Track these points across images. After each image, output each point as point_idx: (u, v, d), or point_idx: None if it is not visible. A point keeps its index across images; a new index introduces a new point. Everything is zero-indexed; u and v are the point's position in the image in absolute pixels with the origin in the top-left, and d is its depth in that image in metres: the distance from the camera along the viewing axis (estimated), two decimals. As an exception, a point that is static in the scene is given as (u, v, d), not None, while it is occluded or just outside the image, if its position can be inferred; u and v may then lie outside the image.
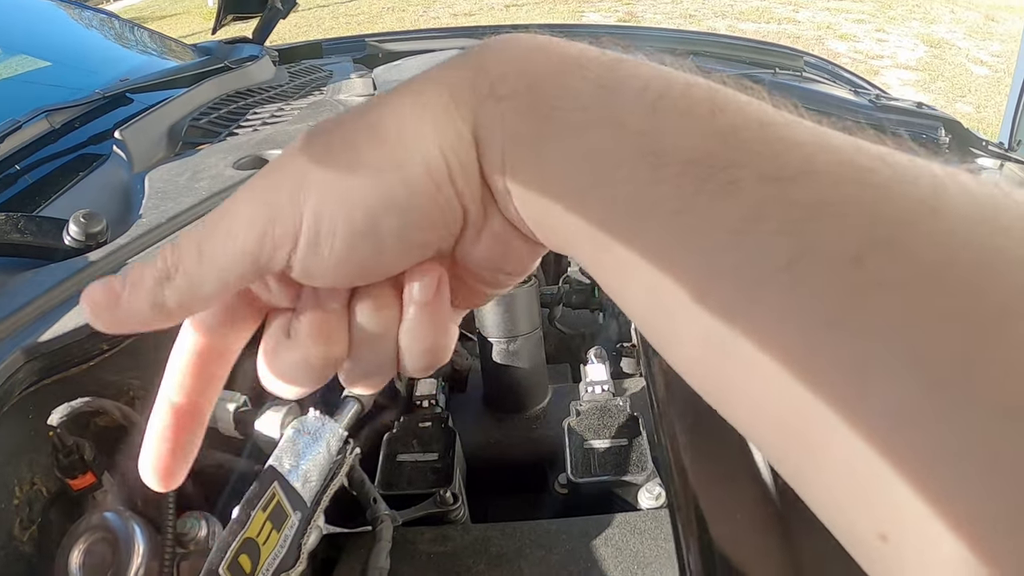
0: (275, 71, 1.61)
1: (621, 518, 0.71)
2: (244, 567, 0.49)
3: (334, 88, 1.42)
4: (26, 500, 0.65)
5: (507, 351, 0.85)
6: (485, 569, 0.66)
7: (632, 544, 0.69)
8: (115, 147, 1.10)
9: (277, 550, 0.51)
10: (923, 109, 1.97)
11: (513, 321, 0.84)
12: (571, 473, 0.74)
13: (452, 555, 0.67)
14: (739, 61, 2.10)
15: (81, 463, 0.64)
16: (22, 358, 0.68)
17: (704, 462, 0.58)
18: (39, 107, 1.23)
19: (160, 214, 0.86)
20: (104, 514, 0.63)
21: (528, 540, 0.69)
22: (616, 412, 0.81)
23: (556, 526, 0.70)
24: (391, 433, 0.78)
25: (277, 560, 0.51)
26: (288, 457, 0.58)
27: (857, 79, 2.22)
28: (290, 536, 0.53)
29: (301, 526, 0.54)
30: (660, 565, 0.67)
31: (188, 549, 0.65)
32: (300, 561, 0.53)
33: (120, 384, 0.77)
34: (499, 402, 0.90)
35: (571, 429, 0.79)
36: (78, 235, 0.85)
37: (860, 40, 6.23)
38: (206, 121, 1.21)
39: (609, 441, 0.78)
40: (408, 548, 0.67)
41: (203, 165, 0.99)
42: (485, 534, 0.69)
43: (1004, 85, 5.20)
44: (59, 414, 0.63)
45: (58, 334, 0.70)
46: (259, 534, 0.51)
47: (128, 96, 1.36)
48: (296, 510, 0.54)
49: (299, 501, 0.55)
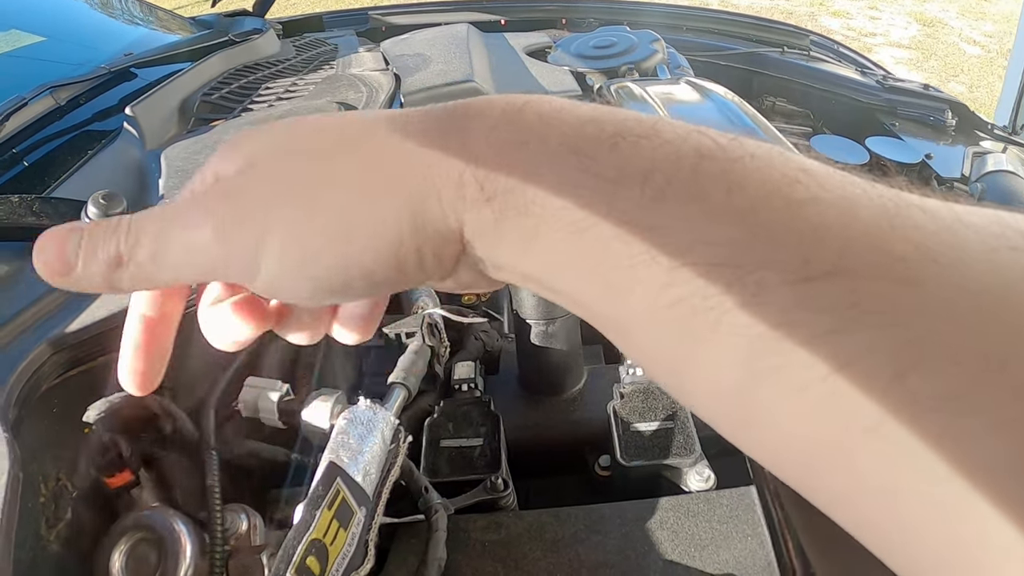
0: (280, 45, 1.57)
1: (673, 501, 0.69)
2: (313, 570, 0.46)
3: (344, 62, 1.39)
4: (52, 497, 0.62)
5: (545, 333, 0.82)
6: (542, 556, 0.64)
7: (687, 526, 0.67)
8: (126, 124, 1.06)
9: (346, 549, 0.49)
10: (930, 91, 1.96)
11: (551, 303, 0.81)
12: (621, 456, 0.73)
13: (507, 542, 0.65)
14: (746, 39, 2.07)
15: (119, 460, 0.61)
16: (48, 350, 0.65)
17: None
18: (42, 83, 1.18)
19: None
20: (145, 512, 0.60)
21: (583, 525, 0.67)
22: (659, 394, 0.80)
23: (609, 510, 0.68)
24: (432, 419, 0.76)
25: (346, 560, 0.49)
26: (344, 450, 0.55)
27: (862, 59, 2.20)
28: (357, 533, 0.50)
29: (367, 522, 0.52)
30: (716, 547, 0.66)
31: (231, 545, 0.63)
32: (368, 558, 0.51)
33: (149, 373, 0.74)
34: (536, 384, 0.87)
35: (616, 412, 0.77)
36: (97, 217, 0.81)
37: (853, 17, 6.19)
38: (217, 96, 1.17)
39: (655, 423, 0.76)
40: (461, 537, 0.65)
41: (222, 142, 0.95)
42: (539, 520, 0.67)
43: (997, 66, 5.20)
44: (96, 410, 0.60)
45: (84, 324, 0.67)
46: (326, 534, 0.48)
47: (132, 71, 1.31)
48: (361, 505, 0.51)
49: (363, 496, 0.52)
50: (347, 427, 0.58)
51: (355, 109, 1.02)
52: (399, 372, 0.71)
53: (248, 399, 0.66)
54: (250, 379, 0.68)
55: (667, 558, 0.65)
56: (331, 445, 0.56)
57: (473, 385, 0.81)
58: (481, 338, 0.90)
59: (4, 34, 1.66)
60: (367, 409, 0.60)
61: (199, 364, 0.77)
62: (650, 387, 0.80)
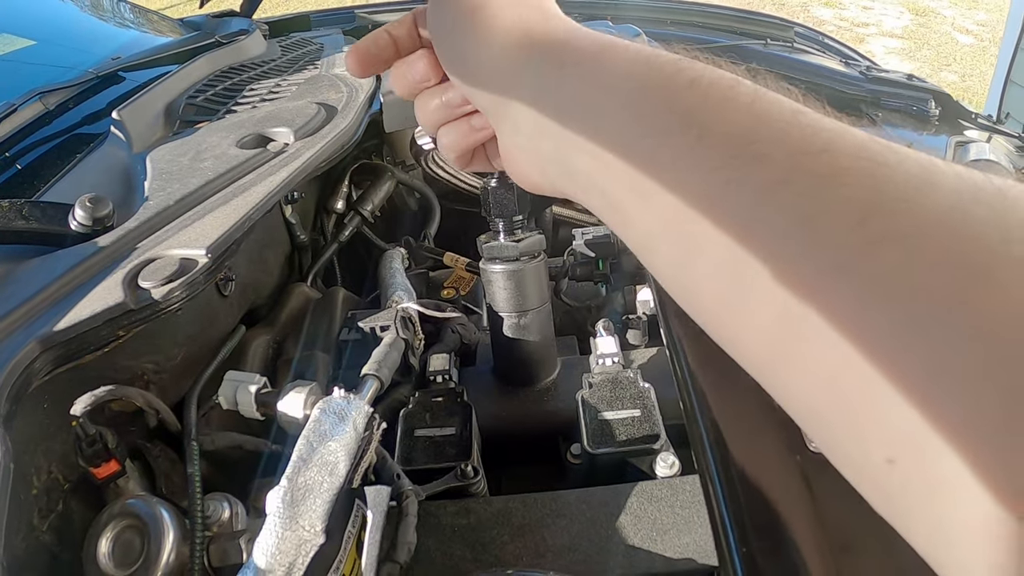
0: (267, 45, 1.59)
1: (638, 487, 0.72)
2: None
3: (328, 62, 1.41)
4: (44, 489, 0.65)
5: (518, 325, 0.85)
6: (509, 540, 0.67)
7: (650, 512, 0.70)
8: (113, 127, 1.09)
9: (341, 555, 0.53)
10: (913, 81, 1.98)
11: (523, 296, 0.84)
12: (588, 444, 0.75)
13: (476, 527, 0.68)
14: (730, 31, 2.09)
15: (105, 451, 0.64)
16: (38, 348, 0.68)
17: (731, 423, 0.59)
18: (32, 88, 1.21)
19: (167, 196, 0.85)
20: (130, 500, 0.63)
21: (549, 510, 0.70)
22: (627, 384, 0.82)
23: (575, 496, 0.71)
24: (407, 409, 0.79)
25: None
26: (317, 437, 0.58)
27: (848, 50, 2.22)
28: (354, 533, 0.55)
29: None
30: (678, 531, 0.68)
31: (212, 531, 0.66)
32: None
33: (134, 368, 0.76)
34: (510, 375, 0.90)
35: (585, 401, 0.80)
36: (85, 220, 0.84)
37: (846, 7, 6.20)
38: (203, 99, 1.20)
39: (623, 412, 0.79)
40: (432, 522, 0.68)
41: (205, 144, 0.98)
42: (506, 506, 0.70)
43: (989, 55, 5.21)
44: (82, 404, 0.63)
45: (73, 322, 0.69)
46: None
47: (120, 74, 1.34)
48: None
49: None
50: (321, 416, 0.61)
51: (335, 109, 1.05)
52: (372, 364, 0.74)
53: (227, 392, 0.69)
54: (230, 373, 0.71)
55: (629, 543, 0.68)
56: (304, 433, 0.59)
57: (447, 376, 0.84)
58: (458, 331, 0.93)
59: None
60: (341, 399, 0.63)
61: (184, 360, 0.80)
62: (619, 377, 0.83)
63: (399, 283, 0.92)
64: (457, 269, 1.09)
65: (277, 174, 0.85)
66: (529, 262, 0.83)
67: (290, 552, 0.52)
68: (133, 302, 0.70)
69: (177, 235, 0.79)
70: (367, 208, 1.13)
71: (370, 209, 1.13)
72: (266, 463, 0.78)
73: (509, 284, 0.83)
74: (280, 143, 0.97)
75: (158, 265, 0.74)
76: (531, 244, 0.82)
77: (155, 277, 0.72)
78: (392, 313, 0.82)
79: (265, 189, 0.82)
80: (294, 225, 1.05)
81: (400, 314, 0.81)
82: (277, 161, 0.89)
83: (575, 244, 1.08)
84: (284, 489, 0.54)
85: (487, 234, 0.83)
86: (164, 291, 0.71)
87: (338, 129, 0.96)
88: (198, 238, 0.76)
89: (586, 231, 1.11)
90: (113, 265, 0.77)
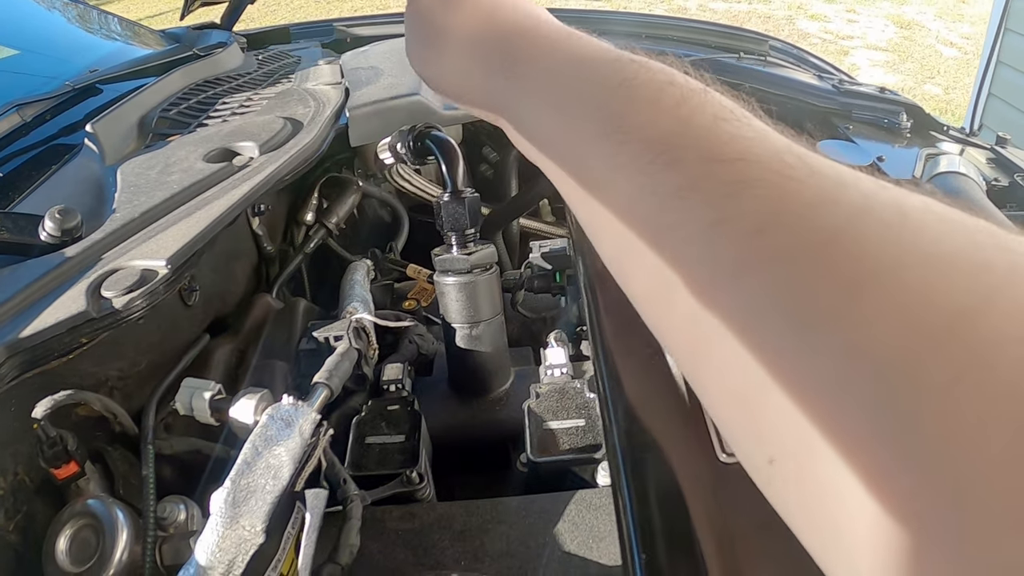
0: (243, 58, 1.62)
1: (579, 495, 0.75)
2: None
3: (302, 76, 1.44)
4: (11, 490, 0.68)
5: (470, 336, 0.89)
6: (449, 544, 0.70)
7: (587, 519, 0.73)
8: (87, 140, 1.12)
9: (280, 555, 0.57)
10: (885, 94, 2.02)
11: (475, 307, 0.87)
12: (531, 453, 0.79)
13: (419, 531, 0.71)
14: (705, 45, 2.13)
15: (65, 453, 0.67)
16: (4, 353, 0.70)
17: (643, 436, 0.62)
18: (10, 100, 1.24)
19: (133, 208, 0.88)
20: (88, 501, 0.66)
21: (490, 516, 0.73)
22: (574, 394, 0.86)
23: (517, 503, 0.74)
24: (360, 416, 0.82)
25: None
26: (262, 441, 0.62)
27: (823, 63, 2.26)
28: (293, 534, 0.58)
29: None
30: (614, 538, 0.71)
31: (168, 532, 0.69)
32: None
33: (99, 375, 0.80)
34: (463, 385, 0.93)
35: (531, 411, 0.83)
36: (53, 231, 0.87)
37: (831, 20, 6.28)
38: (176, 112, 1.23)
39: (567, 422, 0.82)
40: (377, 526, 0.71)
41: (174, 158, 1.01)
42: (449, 511, 0.73)
43: (973, 67, 5.26)
44: (43, 407, 0.66)
45: (37, 330, 0.72)
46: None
47: (98, 87, 1.37)
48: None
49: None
50: (268, 422, 0.64)
51: (300, 124, 1.08)
52: (323, 372, 0.77)
53: (183, 398, 0.72)
54: (187, 380, 0.74)
55: (566, 549, 0.70)
56: (251, 437, 0.62)
57: (400, 386, 0.87)
58: (416, 341, 0.96)
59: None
60: (289, 406, 0.66)
61: (149, 367, 0.84)
62: (565, 387, 0.86)
63: (356, 294, 0.96)
64: (420, 281, 1.13)
65: (239, 188, 0.89)
66: (481, 274, 0.86)
67: (230, 550, 0.56)
68: (95, 311, 0.73)
69: (140, 247, 0.82)
70: (332, 220, 1.16)
71: (335, 221, 1.16)
72: (221, 467, 0.81)
73: (461, 296, 0.86)
74: (245, 157, 1.00)
75: (120, 275, 0.77)
76: (482, 257, 0.86)
77: (117, 287, 0.75)
78: (345, 323, 0.85)
79: (227, 203, 0.85)
80: (261, 237, 1.08)
81: (353, 324, 0.85)
82: (240, 175, 0.93)
83: (532, 256, 1.11)
84: (227, 490, 0.57)
85: (441, 247, 0.87)
86: (125, 300, 0.74)
87: (301, 144, 0.99)
88: (159, 249, 0.80)
89: (543, 244, 1.14)
90: (79, 275, 0.80)
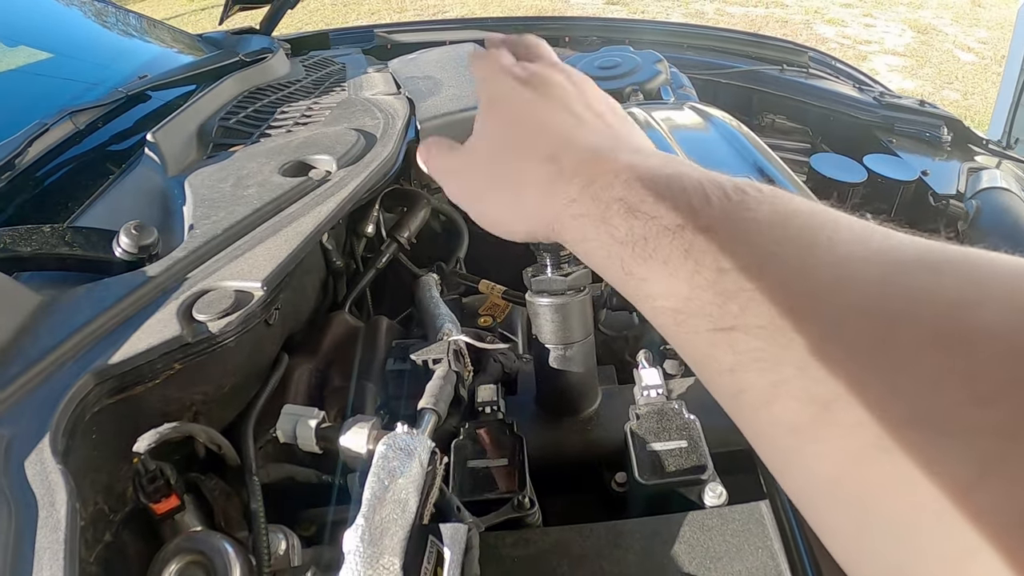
0: (290, 65, 1.59)
1: (690, 516, 0.73)
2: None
3: (355, 84, 1.41)
4: (91, 521, 0.65)
5: (563, 357, 0.86)
6: (568, 570, 0.67)
7: (702, 540, 0.71)
8: (147, 150, 1.09)
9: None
10: (926, 107, 2.00)
11: (569, 328, 0.84)
12: (639, 476, 0.76)
13: (536, 558, 0.68)
14: (745, 56, 2.11)
15: (166, 487, 0.64)
16: (92, 381, 0.67)
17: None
18: (60, 106, 1.21)
19: (214, 225, 0.85)
20: (194, 535, 0.63)
21: (605, 540, 0.70)
22: (673, 415, 0.83)
23: (630, 526, 0.72)
24: (458, 440, 0.79)
25: None
26: (387, 475, 0.58)
27: (860, 75, 2.24)
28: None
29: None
30: (730, 559, 0.69)
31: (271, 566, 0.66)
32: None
33: (184, 399, 0.76)
34: (554, 405, 0.90)
35: (633, 432, 0.81)
36: (130, 247, 0.84)
37: (848, 25, 6.26)
38: (235, 121, 1.20)
39: (670, 443, 0.80)
40: (492, 553, 0.68)
41: (246, 170, 0.98)
42: (564, 536, 0.70)
43: (991, 72, 5.25)
44: (146, 441, 0.63)
45: (128, 356, 0.68)
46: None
47: (147, 93, 1.34)
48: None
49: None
50: (387, 452, 0.61)
51: (373, 136, 1.05)
52: (429, 398, 0.74)
53: (286, 426, 0.69)
54: (287, 407, 0.71)
55: (684, 570, 0.68)
56: (374, 470, 0.59)
57: (496, 407, 0.84)
58: (500, 360, 0.93)
59: (13, 50, 1.68)
60: (405, 435, 0.63)
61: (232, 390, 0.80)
62: (664, 408, 0.83)
63: (444, 313, 0.92)
64: (492, 297, 1.09)
65: (325, 204, 0.85)
66: (575, 296, 0.83)
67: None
68: (190, 336, 0.70)
69: (228, 266, 0.78)
70: (404, 235, 1.13)
71: (407, 236, 1.13)
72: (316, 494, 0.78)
73: (556, 317, 0.83)
74: (322, 171, 0.97)
75: (212, 297, 0.74)
76: (578, 278, 0.83)
77: (211, 310, 0.72)
78: (444, 346, 0.82)
79: (314, 220, 0.82)
80: (330, 251, 1.05)
81: (452, 347, 0.82)
82: (322, 191, 0.89)
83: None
84: (362, 528, 0.54)
85: (534, 267, 0.84)
86: (221, 325, 0.70)
87: (381, 158, 0.96)
88: (251, 270, 0.76)
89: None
90: (164, 296, 0.76)
